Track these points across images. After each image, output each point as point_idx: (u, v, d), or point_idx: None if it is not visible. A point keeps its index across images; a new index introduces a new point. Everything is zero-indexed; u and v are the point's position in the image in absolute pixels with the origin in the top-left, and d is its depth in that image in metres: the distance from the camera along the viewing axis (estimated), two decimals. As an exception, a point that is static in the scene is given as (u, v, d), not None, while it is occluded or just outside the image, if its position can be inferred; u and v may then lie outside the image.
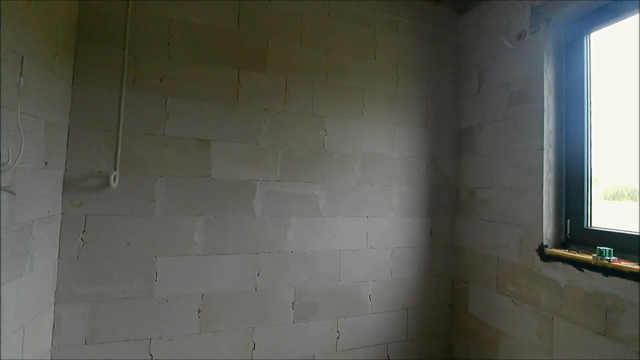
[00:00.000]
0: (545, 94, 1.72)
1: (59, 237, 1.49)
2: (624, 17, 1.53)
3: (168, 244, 1.66)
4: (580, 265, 1.49)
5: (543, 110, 1.72)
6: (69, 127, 1.52)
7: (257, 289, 1.81)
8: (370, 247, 2.06)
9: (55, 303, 1.48)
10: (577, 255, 1.52)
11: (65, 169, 1.51)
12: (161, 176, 1.65)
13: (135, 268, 1.60)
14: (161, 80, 1.67)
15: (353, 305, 2.01)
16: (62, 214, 1.50)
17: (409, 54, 2.22)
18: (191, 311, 1.68)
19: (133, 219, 1.60)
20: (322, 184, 1.97)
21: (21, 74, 1.17)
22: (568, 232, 1.69)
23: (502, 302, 1.88)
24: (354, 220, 2.03)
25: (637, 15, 1.48)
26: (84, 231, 1.53)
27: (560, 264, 1.58)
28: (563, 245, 1.70)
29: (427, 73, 2.27)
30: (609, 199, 1.68)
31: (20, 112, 1.14)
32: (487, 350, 1.96)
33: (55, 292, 1.48)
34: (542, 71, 1.73)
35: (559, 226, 1.72)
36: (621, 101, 1.58)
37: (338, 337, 1.96)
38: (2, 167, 1.08)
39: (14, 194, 1.13)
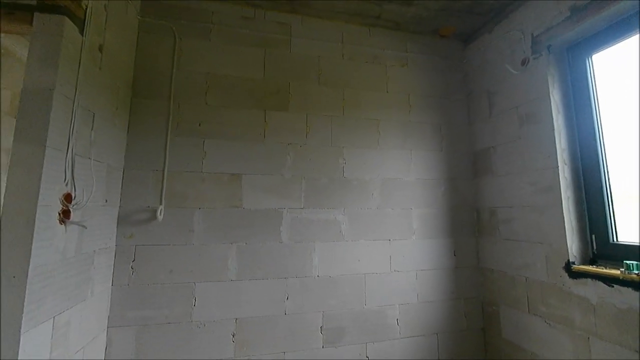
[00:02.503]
0: (554, 114, 1.80)
1: (112, 266, 1.68)
2: (621, 40, 1.63)
3: (205, 270, 1.81)
4: (609, 280, 1.47)
5: (554, 130, 1.78)
6: (124, 169, 1.77)
7: (287, 313, 1.89)
8: (394, 270, 2.11)
9: (108, 327, 1.63)
10: (604, 270, 1.51)
11: (120, 206, 1.74)
12: (199, 208, 1.85)
13: (176, 294, 1.75)
14: (199, 124, 1.91)
15: (380, 329, 2.02)
16: (116, 245, 1.71)
17: (420, 84, 2.39)
18: (226, 335, 1.78)
19: (175, 248, 1.78)
20: (343, 209, 2.09)
21: (92, 128, 1.43)
22: (594, 247, 1.68)
23: (535, 323, 1.84)
24: (376, 243, 2.11)
25: (636, 36, 1.57)
26: (134, 260, 1.72)
27: (589, 280, 1.57)
28: (591, 262, 1.68)
29: (438, 101, 2.41)
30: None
31: (93, 159, 1.38)
32: (524, 376, 1.88)
33: (109, 316, 1.64)
34: (548, 93, 1.83)
35: (584, 242, 1.71)
36: (633, 117, 1.62)
37: (367, 363, 1.96)
38: (75, 206, 1.30)
39: (86, 227, 1.34)
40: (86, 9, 1.38)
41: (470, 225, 2.32)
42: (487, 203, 2.25)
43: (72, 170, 1.28)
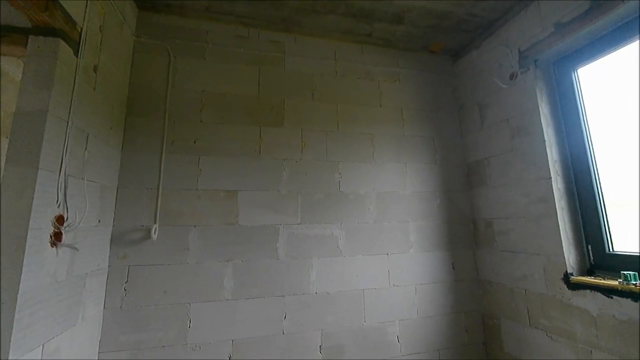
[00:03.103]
0: (544, 126, 1.83)
1: (105, 288, 1.64)
2: (605, 54, 1.68)
3: (200, 290, 1.77)
4: (607, 291, 1.47)
5: (544, 141, 1.82)
6: (117, 188, 1.75)
7: (285, 332, 1.85)
8: (393, 285, 2.09)
9: (99, 352, 1.57)
10: (602, 281, 1.51)
11: (113, 225, 1.71)
12: (194, 226, 1.82)
13: (170, 315, 1.70)
14: (195, 141, 1.91)
15: (381, 347, 1.98)
16: (108, 266, 1.67)
17: (412, 99, 2.43)
18: (222, 358, 1.73)
19: (170, 268, 1.75)
20: (340, 224, 2.08)
21: (86, 148, 1.42)
22: (591, 258, 1.69)
23: (537, 337, 1.81)
24: (374, 258, 2.09)
25: (619, 50, 1.63)
26: (127, 281, 1.68)
27: (588, 291, 1.56)
28: (589, 272, 1.68)
29: (431, 114, 2.45)
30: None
31: (86, 179, 1.36)
32: (529, 392, 1.84)
33: (100, 341, 1.59)
34: (537, 106, 1.87)
35: (581, 252, 1.72)
36: (622, 127, 1.66)
37: (368, 382, 1.91)
38: (68, 228, 1.27)
39: (78, 249, 1.31)
40: (81, 31, 1.39)
41: (467, 237, 2.32)
42: (483, 214, 2.25)
43: (65, 192, 1.27)
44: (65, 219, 1.28)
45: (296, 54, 2.23)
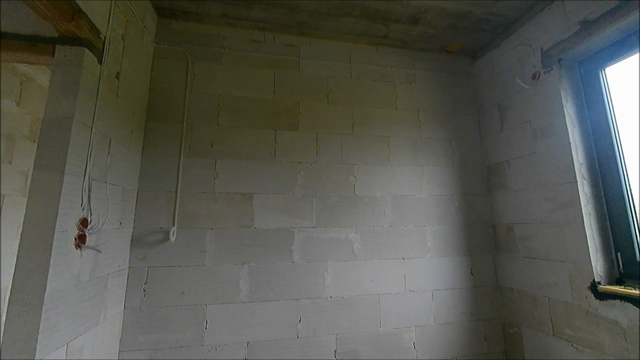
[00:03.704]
0: (569, 128, 1.76)
1: (125, 289, 1.68)
2: (633, 54, 1.60)
3: (217, 292, 1.79)
4: (639, 302, 1.39)
5: (569, 144, 1.74)
6: (137, 191, 1.79)
7: (300, 336, 1.84)
8: (409, 290, 2.05)
9: (119, 351, 1.62)
10: (633, 291, 1.43)
11: (134, 227, 1.75)
12: (211, 228, 1.85)
13: (188, 316, 1.73)
14: (212, 145, 1.94)
15: (397, 353, 1.95)
16: (129, 267, 1.71)
17: (429, 100, 2.39)
18: (237, 359, 1.74)
19: (187, 269, 1.77)
20: (355, 227, 2.06)
21: (109, 152, 1.46)
22: (620, 266, 1.60)
23: (562, 347, 1.74)
24: (389, 262, 2.06)
25: (649, 50, 1.55)
26: (146, 282, 1.72)
27: (617, 302, 1.49)
28: (618, 281, 1.60)
29: (448, 116, 2.40)
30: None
31: (109, 183, 1.40)
32: (553, 405, 1.77)
33: (120, 340, 1.63)
34: (562, 107, 1.80)
35: (609, 261, 1.64)
36: (651, 129, 1.58)
37: (384, 389, 1.88)
38: (91, 230, 1.31)
39: (101, 251, 1.35)
40: (104, 39, 1.44)
41: (486, 242, 2.25)
42: (503, 219, 2.18)
43: (89, 195, 1.31)
44: (89, 222, 1.32)
45: (311, 57, 2.24)
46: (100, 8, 1.41)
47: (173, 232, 1.75)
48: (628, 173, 1.63)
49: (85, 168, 1.29)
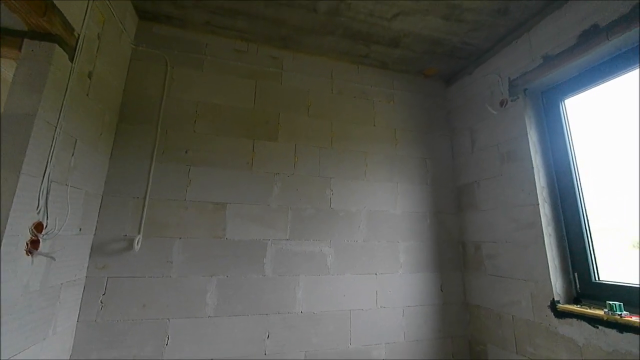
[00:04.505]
0: (532, 154, 1.87)
1: (80, 300, 1.57)
2: (589, 88, 1.75)
3: (181, 305, 1.71)
4: (593, 321, 1.47)
5: (532, 168, 1.85)
6: (102, 196, 1.70)
7: (267, 353, 1.78)
8: (381, 306, 2.05)
9: (68, 369, 1.49)
10: (588, 310, 1.51)
11: (95, 234, 1.65)
12: (180, 238, 1.78)
13: (148, 331, 1.63)
14: (186, 152, 1.90)
15: (366, 370, 1.92)
16: (86, 277, 1.60)
17: (405, 120, 2.47)
18: (200, 378, 1.65)
19: (151, 280, 1.68)
20: (329, 241, 2.05)
21: (73, 154, 1.39)
22: (577, 286, 1.69)
23: (524, 365, 1.79)
24: (362, 277, 2.06)
25: (606, 83, 1.69)
26: (104, 293, 1.61)
27: (574, 320, 1.56)
28: (575, 301, 1.68)
29: (423, 136, 2.49)
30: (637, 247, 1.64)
31: (70, 186, 1.32)
32: (515, 423, 1.80)
33: (71, 356, 1.50)
34: (526, 133, 1.92)
35: (568, 280, 1.72)
36: (607, 154, 1.71)
37: (352, 409, 1.84)
38: (46, 235, 1.23)
39: (54, 259, 1.25)
40: (78, 37, 1.39)
41: (456, 259, 2.31)
42: (472, 237, 2.26)
43: (47, 198, 1.22)
44: (44, 226, 1.23)
45: (294, 71, 2.27)
46: (76, 6, 1.37)
47: (138, 241, 1.67)
48: (584, 197, 1.74)
49: (45, 169, 1.22)
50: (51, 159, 1.24)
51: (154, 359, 1.61)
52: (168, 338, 1.65)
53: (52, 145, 1.25)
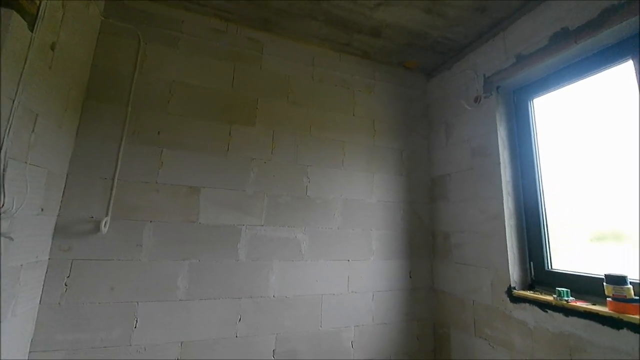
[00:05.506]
0: (500, 149, 1.96)
1: (43, 282, 1.51)
2: (556, 89, 1.84)
3: (151, 289, 1.69)
4: (543, 306, 1.59)
5: (499, 163, 1.94)
6: (67, 175, 1.63)
7: (238, 335, 1.81)
8: (352, 291, 2.12)
9: (30, 352, 1.45)
10: (540, 296, 1.63)
11: (58, 215, 1.58)
12: (150, 221, 1.74)
13: (115, 314, 1.61)
14: (158, 133, 1.84)
15: (335, 351, 2.00)
16: (49, 259, 1.54)
17: (385, 111, 2.50)
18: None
19: (119, 264, 1.65)
20: (304, 228, 2.08)
21: (33, 130, 1.31)
22: (532, 273, 1.82)
23: (481, 346, 1.92)
24: (335, 263, 2.11)
25: (571, 85, 1.79)
26: (68, 276, 1.56)
27: (527, 305, 1.68)
28: (529, 287, 1.81)
29: (401, 127, 2.54)
30: (595, 241, 1.72)
31: (29, 164, 1.26)
32: (470, 399, 1.94)
33: (32, 340, 1.46)
34: (496, 130, 2.00)
35: (524, 269, 1.85)
36: (568, 152, 1.82)
37: (320, 388, 1.92)
38: (4, 215, 1.17)
39: (12, 239, 1.20)
40: (39, 5, 1.29)
41: (426, 247, 2.41)
42: (442, 227, 2.36)
43: (3, 176, 1.16)
44: (1, 205, 1.17)
45: (274, 55, 2.22)
46: (36, -31, 1.26)
47: (105, 223, 1.62)
48: (544, 192, 1.86)
49: (1, 145, 1.15)
50: (8, 134, 1.16)
51: (122, 342, 1.60)
52: (137, 321, 1.64)
53: (9, 120, 1.17)
